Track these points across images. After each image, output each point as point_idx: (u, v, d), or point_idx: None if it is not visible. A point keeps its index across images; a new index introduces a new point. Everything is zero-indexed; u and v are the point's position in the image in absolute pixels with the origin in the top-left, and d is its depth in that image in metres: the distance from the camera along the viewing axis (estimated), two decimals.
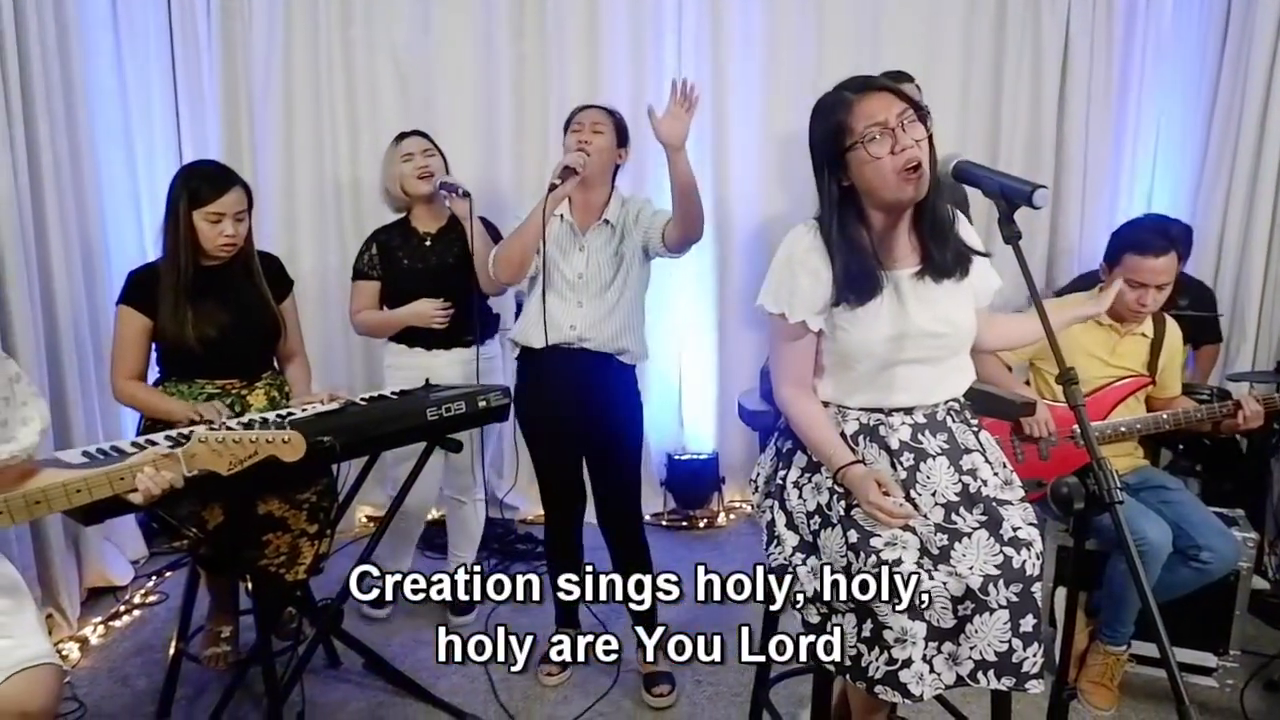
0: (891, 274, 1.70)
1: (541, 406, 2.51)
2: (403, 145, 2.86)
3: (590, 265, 2.45)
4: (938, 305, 1.70)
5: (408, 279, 2.85)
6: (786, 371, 1.78)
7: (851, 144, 1.61)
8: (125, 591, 3.16)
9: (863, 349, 1.70)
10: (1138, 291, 2.44)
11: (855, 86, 1.66)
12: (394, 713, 2.46)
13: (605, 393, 2.49)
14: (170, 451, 1.61)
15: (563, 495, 2.59)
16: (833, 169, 1.66)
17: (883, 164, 1.59)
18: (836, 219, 1.67)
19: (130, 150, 3.50)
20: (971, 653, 1.57)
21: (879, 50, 3.63)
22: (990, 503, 1.67)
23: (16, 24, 2.71)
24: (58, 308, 2.93)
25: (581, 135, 2.42)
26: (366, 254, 2.88)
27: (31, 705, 1.45)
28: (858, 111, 1.61)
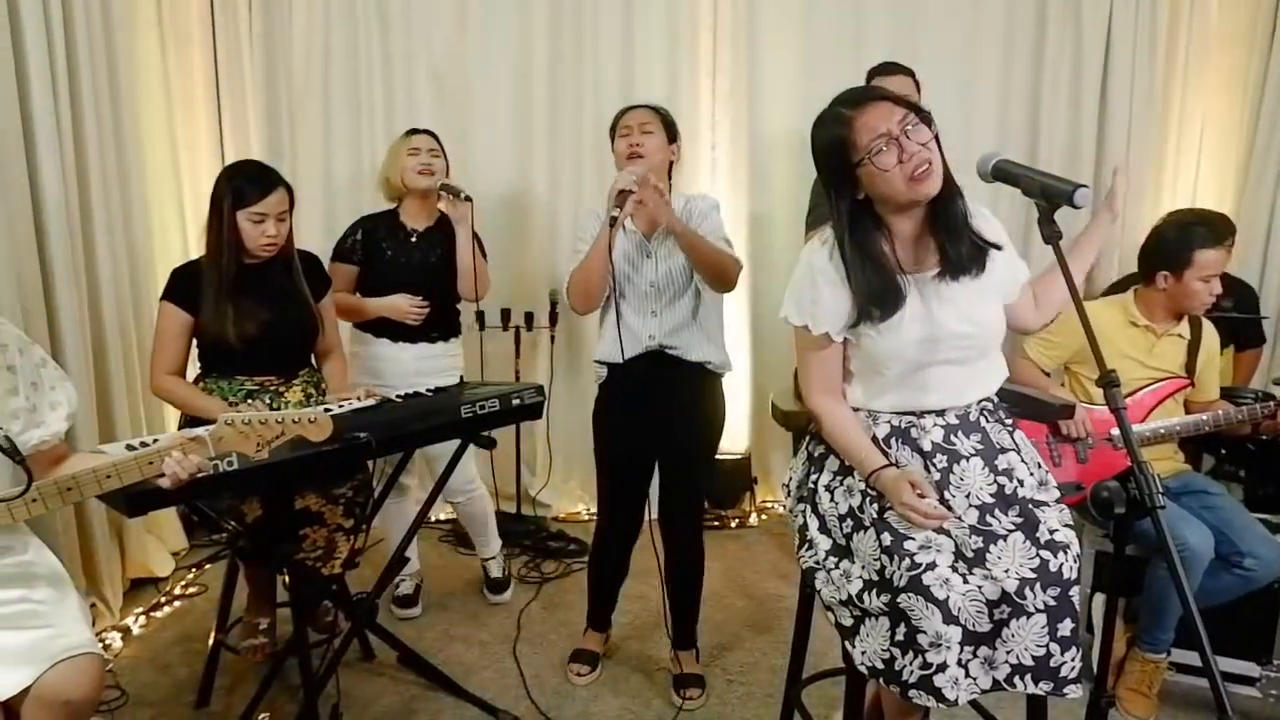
0: (915, 277, 1.69)
1: (624, 419, 2.47)
2: (412, 140, 2.89)
3: (661, 272, 2.41)
4: (963, 305, 1.69)
5: (388, 271, 2.86)
6: (815, 380, 1.78)
7: (859, 160, 1.60)
8: (166, 582, 3.22)
9: (891, 354, 1.69)
10: (1210, 283, 2.43)
11: (851, 101, 1.64)
12: (427, 707, 2.48)
13: (686, 401, 2.44)
14: (197, 435, 1.62)
15: (630, 507, 2.54)
16: (843, 185, 1.65)
17: (893, 174, 1.58)
18: (852, 234, 1.66)
19: (174, 150, 3.57)
20: (1008, 657, 1.55)
21: (917, 49, 3.60)
22: (1026, 504, 1.64)
23: (65, 27, 2.77)
24: (103, 304, 2.99)
25: (632, 138, 2.38)
26: (351, 239, 2.89)
27: (74, 694, 1.48)
28: (858, 126, 1.60)
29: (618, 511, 2.56)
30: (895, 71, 2.94)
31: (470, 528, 3.19)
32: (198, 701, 2.48)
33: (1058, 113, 3.67)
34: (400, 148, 2.89)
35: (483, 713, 2.44)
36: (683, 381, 2.44)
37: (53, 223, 2.70)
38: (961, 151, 2.88)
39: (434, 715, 2.44)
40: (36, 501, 1.49)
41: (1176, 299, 2.49)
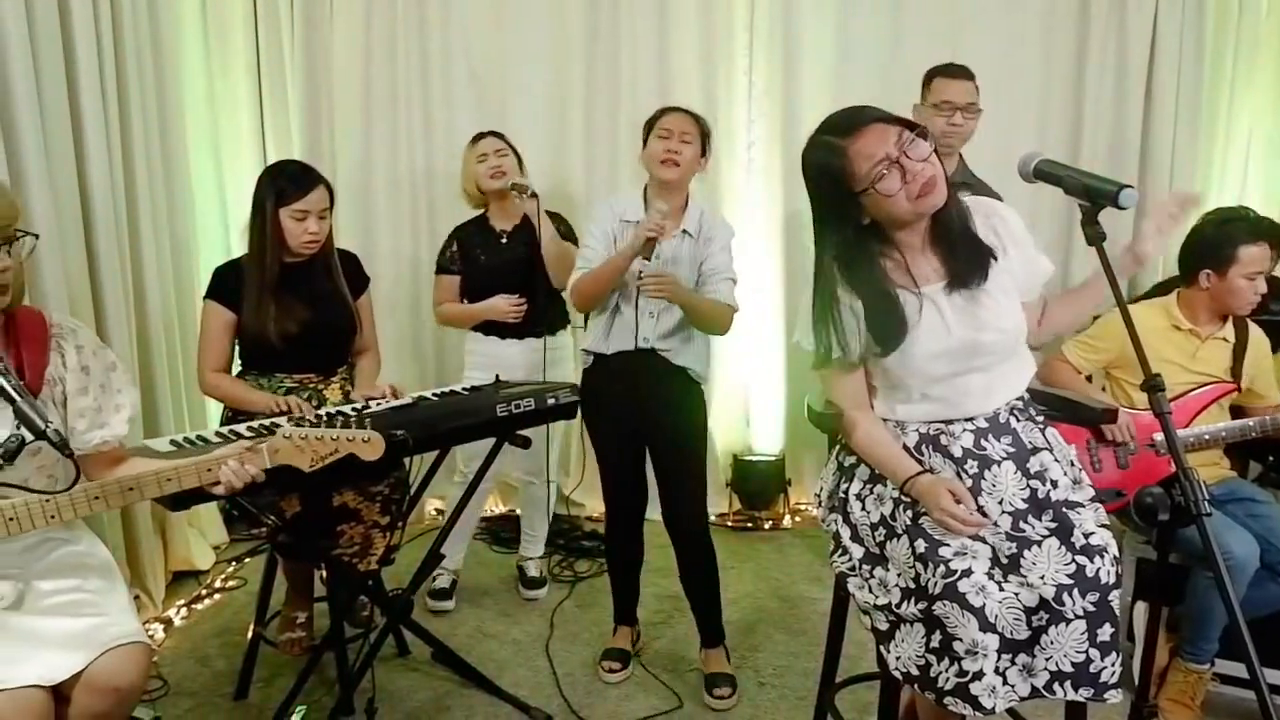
0: (928, 290, 1.67)
1: (605, 404, 2.53)
2: (478, 146, 2.97)
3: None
4: (982, 313, 1.66)
5: (484, 274, 2.97)
6: (841, 399, 1.77)
7: (862, 189, 1.58)
8: (207, 576, 3.28)
9: (911, 372, 1.68)
10: (1255, 281, 2.39)
11: (841, 129, 1.60)
12: (460, 703, 2.50)
13: (669, 394, 2.49)
14: (254, 446, 1.66)
15: (622, 492, 2.60)
16: (845, 215, 1.63)
17: (898, 198, 1.56)
18: (853, 268, 1.65)
19: (217, 151, 3.64)
20: (1047, 664, 1.52)
21: (957, 49, 3.55)
22: (1060, 508, 1.62)
23: (115, 32, 2.84)
24: (148, 301, 3.06)
25: (670, 144, 2.39)
26: (448, 250, 3.03)
27: (122, 681, 1.52)
28: (854, 154, 1.57)
29: (616, 498, 2.60)
30: (961, 75, 2.82)
31: (528, 517, 3.23)
32: (236, 693, 2.52)
33: (1101, 113, 3.61)
34: (470, 156, 2.98)
35: (515, 710, 2.46)
36: (665, 378, 2.48)
37: (100, 221, 2.77)
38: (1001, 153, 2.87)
39: (467, 712, 2.46)
40: (99, 499, 1.54)
41: (1221, 298, 2.44)
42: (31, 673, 1.43)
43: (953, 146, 2.79)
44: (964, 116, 2.76)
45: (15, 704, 1.39)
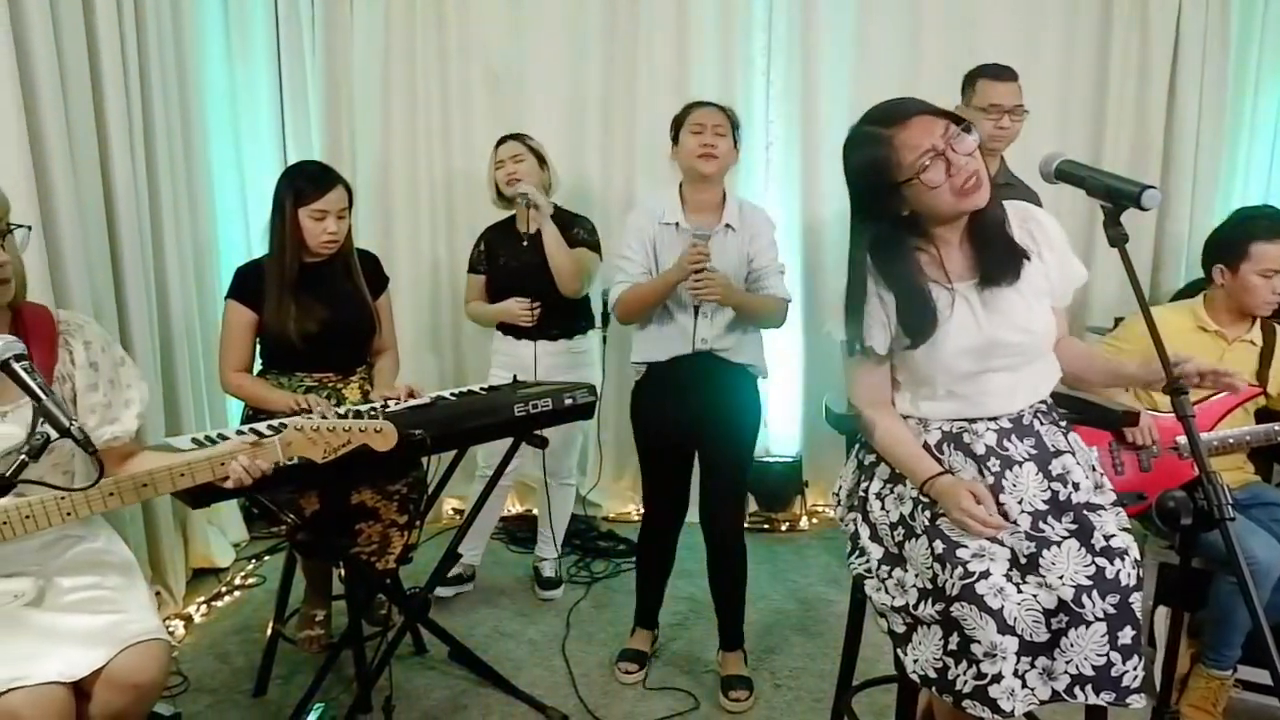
0: (961, 286, 1.67)
1: (660, 410, 2.49)
2: (498, 151, 3.01)
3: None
4: (1012, 313, 1.66)
5: (504, 276, 3.01)
6: (863, 393, 1.77)
7: (906, 179, 1.57)
8: (226, 573, 3.30)
9: (938, 367, 1.67)
10: (1271, 280, 2.34)
11: (887, 119, 1.60)
12: (476, 702, 2.50)
13: (727, 395, 2.45)
14: (259, 441, 1.66)
15: (664, 503, 2.56)
16: (885, 206, 1.62)
17: (942, 190, 1.56)
18: (886, 260, 1.64)
19: (238, 151, 3.67)
20: (1068, 667, 1.51)
21: (975, 46, 3.53)
22: (1081, 510, 1.61)
23: (138, 34, 2.87)
24: (170, 301, 3.09)
25: (704, 137, 2.38)
26: (476, 250, 3.12)
27: (142, 677, 1.53)
28: (900, 144, 1.56)
29: (660, 503, 2.58)
30: (1007, 77, 2.75)
31: (543, 516, 3.23)
32: (255, 690, 2.53)
33: (1123, 112, 3.58)
34: (492, 160, 3.03)
35: (532, 709, 2.46)
36: (723, 379, 2.45)
37: (123, 222, 2.79)
38: (1020, 153, 2.84)
39: (484, 710, 2.47)
40: (114, 496, 1.54)
41: (1236, 296, 2.41)
42: (52, 669, 1.45)
43: (998, 150, 2.76)
44: (1011, 119, 2.71)
45: (37, 700, 1.41)
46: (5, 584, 1.54)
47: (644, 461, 2.58)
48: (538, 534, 3.29)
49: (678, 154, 2.47)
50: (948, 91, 3.40)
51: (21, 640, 1.48)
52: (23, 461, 1.31)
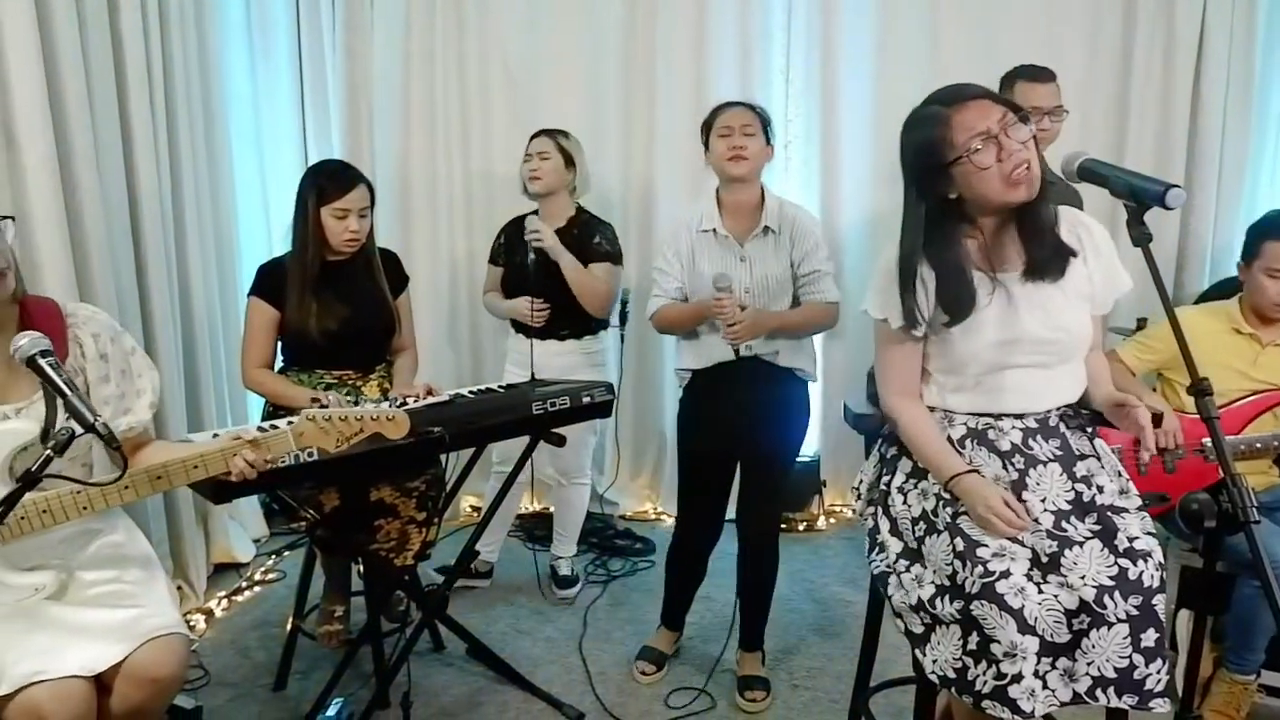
0: (1002, 276, 1.66)
1: (707, 422, 2.47)
2: (529, 145, 2.98)
3: (756, 277, 2.39)
4: (1051, 310, 1.65)
5: (518, 272, 3.00)
6: (893, 378, 1.76)
7: (956, 158, 1.57)
8: (247, 568, 3.33)
9: (970, 354, 1.67)
10: (1278, 280, 2.30)
11: (948, 99, 1.61)
12: (494, 699, 2.51)
13: (774, 400, 2.42)
14: (259, 440, 1.65)
15: (703, 514, 2.55)
16: (934, 184, 1.62)
17: (990, 173, 1.55)
18: (932, 238, 1.64)
19: (260, 151, 3.70)
20: (1089, 669, 1.49)
21: (996, 44, 3.51)
22: (1105, 512, 1.59)
23: (162, 35, 2.90)
24: (193, 298, 3.12)
25: (733, 140, 2.35)
26: (497, 242, 3.14)
27: (161, 672, 1.54)
28: (956, 124, 1.57)
29: (698, 512, 2.56)
30: (1046, 78, 2.71)
31: (559, 516, 3.24)
32: (275, 684, 2.56)
33: (1146, 111, 3.54)
34: (523, 154, 3.00)
35: (548, 707, 2.47)
36: (770, 384, 2.42)
37: (147, 219, 2.82)
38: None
39: (501, 707, 2.47)
40: (129, 489, 1.55)
41: (1250, 295, 2.38)
42: (73, 662, 1.46)
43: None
44: (1051, 120, 2.68)
45: (58, 693, 1.42)
46: (27, 578, 1.56)
47: (684, 469, 2.56)
48: (553, 533, 3.30)
49: (710, 159, 2.44)
50: None
51: (43, 634, 1.50)
52: (48, 457, 1.32)
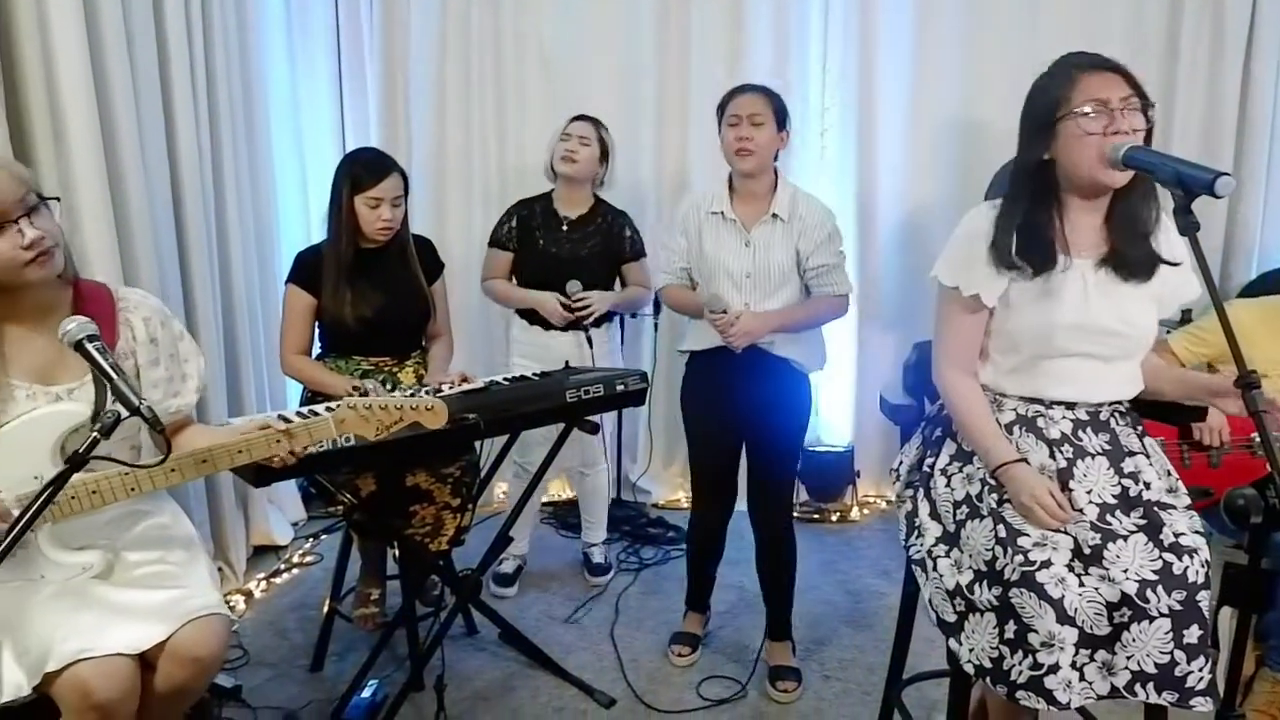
0: (1078, 260, 1.64)
1: (704, 402, 2.49)
2: (570, 125, 2.92)
3: (758, 263, 2.39)
4: (1122, 303, 1.63)
5: (542, 261, 2.92)
6: (951, 351, 1.73)
7: (1065, 114, 1.56)
8: (285, 551, 3.38)
9: (1033, 331, 1.64)
10: None
11: (1085, 62, 1.60)
12: (526, 683, 2.54)
13: (768, 389, 2.42)
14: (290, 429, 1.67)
15: (713, 492, 2.56)
16: (1036, 140, 1.61)
17: (1089, 142, 1.54)
18: (1029, 194, 1.62)
19: (299, 139, 3.74)
20: (1129, 663, 1.47)
21: (1039, 27, 3.45)
22: (1151, 507, 1.57)
23: (204, 25, 2.94)
24: (234, 285, 3.16)
25: (740, 130, 2.32)
26: (507, 225, 2.97)
27: (203, 651, 1.57)
28: (1081, 85, 1.56)
29: (707, 493, 2.58)
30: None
31: (586, 504, 3.26)
32: (312, 665, 2.60)
33: (1194, 97, 3.45)
34: (560, 129, 2.94)
35: (580, 693, 2.49)
36: (766, 372, 2.42)
37: (190, 207, 2.87)
38: None
39: (533, 692, 2.50)
40: (175, 472, 1.58)
41: None
42: (118, 640, 1.49)
43: None
44: None
45: (104, 669, 1.45)
46: (75, 556, 1.60)
47: (691, 450, 2.59)
48: (582, 521, 3.31)
49: (722, 147, 2.43)
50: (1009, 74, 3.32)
51: (90, 613, 1.53)
52: (94, 439, 1.35)
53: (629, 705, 2.44)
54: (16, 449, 1.54)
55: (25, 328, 1.61)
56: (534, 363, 2.81)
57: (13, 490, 1.52)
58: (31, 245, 1.51)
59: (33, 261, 1.52)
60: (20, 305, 1.60)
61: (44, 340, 1.60)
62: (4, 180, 1.51)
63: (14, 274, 1.53)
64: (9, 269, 1.52)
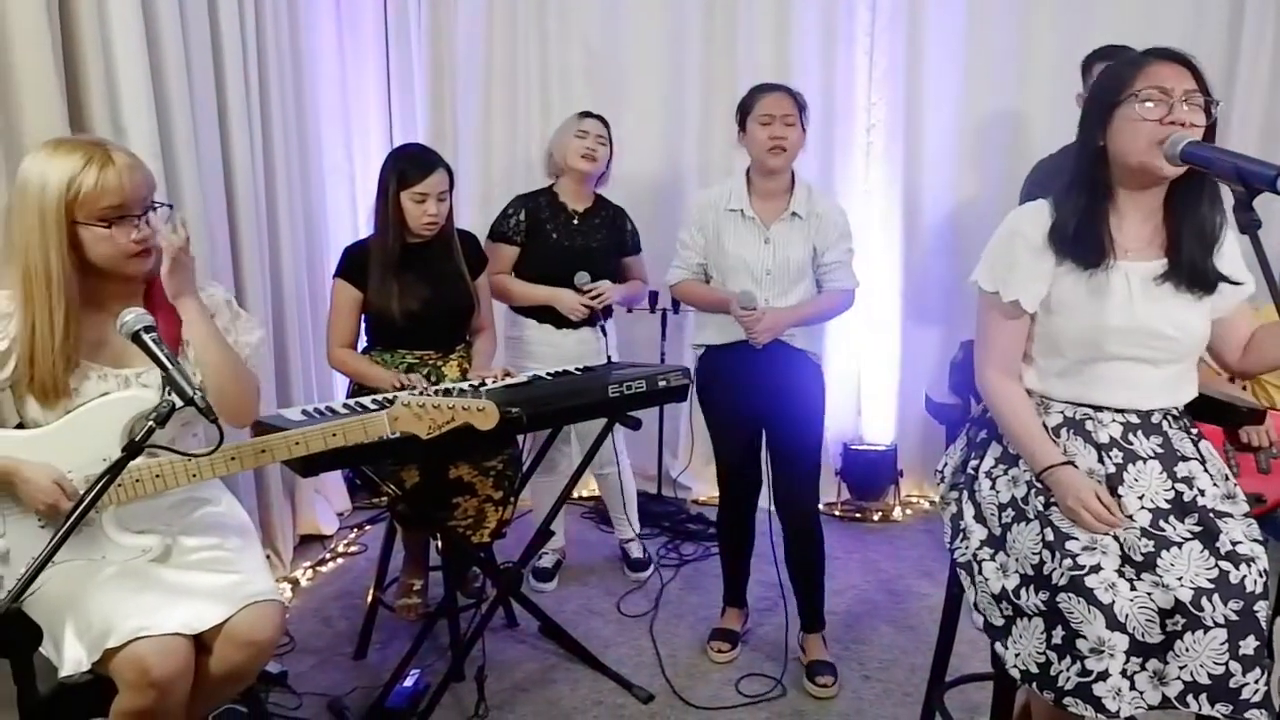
0: (1124, 263, 1.60)
1: (723, 392, 2.51)
2: (583, 122, 2.91)
3: (778, 260, 2.43)
4: (1171, 304, 1.59)
5: (553, 253, 2.89)
6: (994, 355, 1.71)
7: (1125, 97, 1.53)
8: (330, 540, 3.44)
9: (1078, 335, 1.61)
10: None
11: (1156, 51, 1.57)
12: (565, 677, 2.55)
13: (787, 380, 2.45)
14: (367, 415, 1.74)
15: (737, 481, 2.59)
16: (1095, 123, 1.59)
17: (1143, 128, 1.51)
18: (1087, 184, 1.60)
19: (348, 135, 3.80)
20: (1181, 673, 1.44)
21: (1090, 22, 3.37)
22: (1206, 513, 1.53)
23: (257, 23, 2.99)
24: (284, 279, 3.22)
25: (774, 129, 2.36)
26: (514, 218, 2.90)
27: (259, 635, 1.61)
28: (1146, 72, 1.53)
29: (731, 482, 2.60)
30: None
31: (611, 502, 3.27)
32: (356, 653, 2.64)
33: (1254, 90, 3.35)
34: (570, 126, 2.92)
35: (618, 687, 2.49)
36: (785, 363, 2.45)
37: (241, 201, 2.92)
38: None
39: (572, 685, 2.51)
40: (235, 460, 1.64)
41: None
42: (176, 620, 1.53)
43: None
44: None
45: (162, 648, 1.49)
46: (136, 539, 1.65)
47: (714, 444, 2.61)
48: (613, 520, 3.31)
49: (745, 142, 2.45)
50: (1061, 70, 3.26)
51: (149, 593, 1.58)
52: (150, 428, 1.39)
53: (667, 700, 2.45)
54: (87, 432, 1.60)
55: (103, 314, 1.67)
56: (548, 365, 2.72)
57: (82, 471, 1.58)
58: (141, 242, 1.62)
59: (135, 256, 1.62)
60: (102, 292, 1.67)
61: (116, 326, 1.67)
62: (140, 177, 1.62)
63: (118, 263, 1.62)
64: (114, 258, 1.61)
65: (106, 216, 1.57)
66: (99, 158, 1.57)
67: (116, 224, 1.59)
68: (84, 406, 1.62)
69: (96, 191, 1.55)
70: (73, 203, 1.55)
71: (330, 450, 1.73)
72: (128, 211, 1.59)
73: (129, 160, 1.61)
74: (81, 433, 1.60)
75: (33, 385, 1.61)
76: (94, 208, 1.56)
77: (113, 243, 1.59)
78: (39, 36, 2.05)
